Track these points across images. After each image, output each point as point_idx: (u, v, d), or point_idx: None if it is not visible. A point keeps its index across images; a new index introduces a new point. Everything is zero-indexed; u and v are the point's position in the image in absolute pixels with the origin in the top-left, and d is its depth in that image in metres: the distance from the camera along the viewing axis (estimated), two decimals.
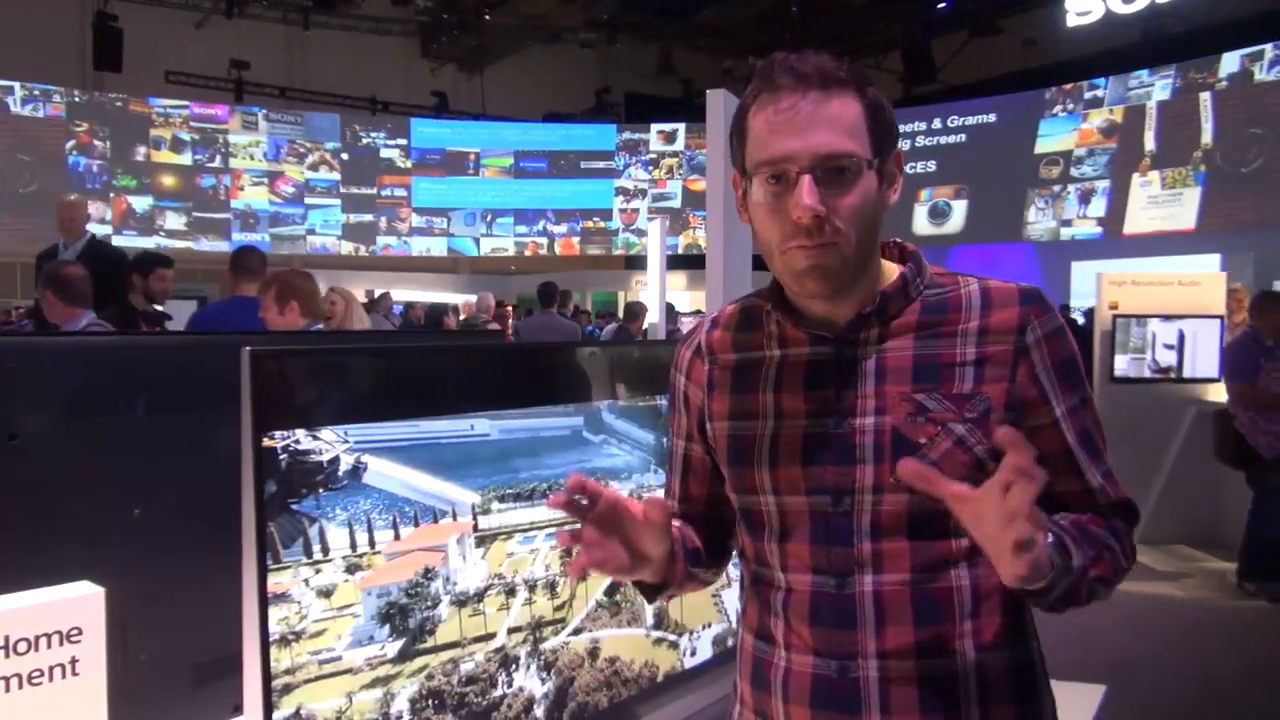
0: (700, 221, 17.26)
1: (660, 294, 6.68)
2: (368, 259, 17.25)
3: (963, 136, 15.49)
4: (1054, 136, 14.48)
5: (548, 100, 19.03)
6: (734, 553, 1.23)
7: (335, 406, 1.21)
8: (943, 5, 15.46)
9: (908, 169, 15.43)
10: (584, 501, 0.97)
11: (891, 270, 1.09)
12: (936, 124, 15.56)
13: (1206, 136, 12.70)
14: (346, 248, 16.90)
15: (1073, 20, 13.71)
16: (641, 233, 17.29)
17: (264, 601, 1.14)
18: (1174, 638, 4.40)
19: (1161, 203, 13.15)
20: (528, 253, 17.73)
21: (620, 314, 14.55)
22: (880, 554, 1.02)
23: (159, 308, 4.57)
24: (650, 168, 17.60)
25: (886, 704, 1.02)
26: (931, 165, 15.43)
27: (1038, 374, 1.04)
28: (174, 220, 15.52)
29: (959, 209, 15.32)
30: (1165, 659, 4.13)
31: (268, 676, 1.14)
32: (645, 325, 7.78)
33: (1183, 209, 12.89)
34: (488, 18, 17.38)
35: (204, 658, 1.61)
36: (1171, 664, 4.12)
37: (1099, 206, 13.83)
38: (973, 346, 1.03)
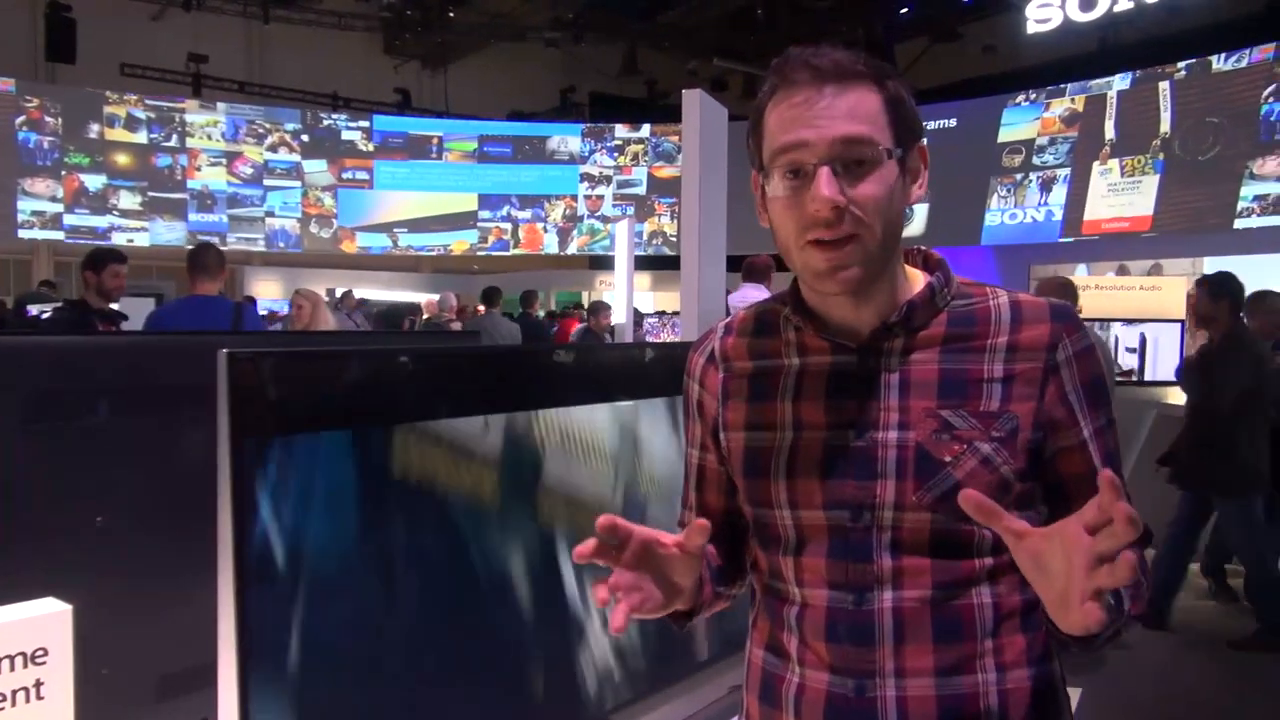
0: (666, 208, 17.18)
1: (627, 294, 6.64)
2: (329, 256, 16.96)
3: (923, 140, 15.61)
4: (1016, 125, 14.66)
5: (512, 99, 18.89)
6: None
7: (316, 411, 1.16)
8: (905, 10, 15.59)
9: None
10: (614, 544, 0.92)
11: (916, 277, 1.06)
12: None
13: (1165, 125, 12.88)
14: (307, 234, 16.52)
15: (1032, 28, 13.87)
16: (606, 219, 17.16)
17: (243, 609, 1.09)
18: (1143, 637, 4.45)
19: (1121, 190, 13.34)
20: (492, 238, 17.41)
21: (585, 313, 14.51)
22: (900, 570, 0.99)
23: (115, 306, 4.44)
24: (615, 154, 17.44)
25: None
26: None
27: (1067, 394, 1.01)
28: (128, 199, 15.01)
29: (920, 212, 15.42)
30: (1136, 660, 4.17)
31: (245, 687, 1.09)
32: (611, 324, 7.85)
33: (1141, 196, 13.08)
34: (451, 15, 17.20)
35: (167, 670, 1.55)
36: (1142, 664, 4.16)
37: (1060, 195, 14.02)
38: (1001, 363, 1.01)
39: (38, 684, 0.94)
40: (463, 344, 2.73)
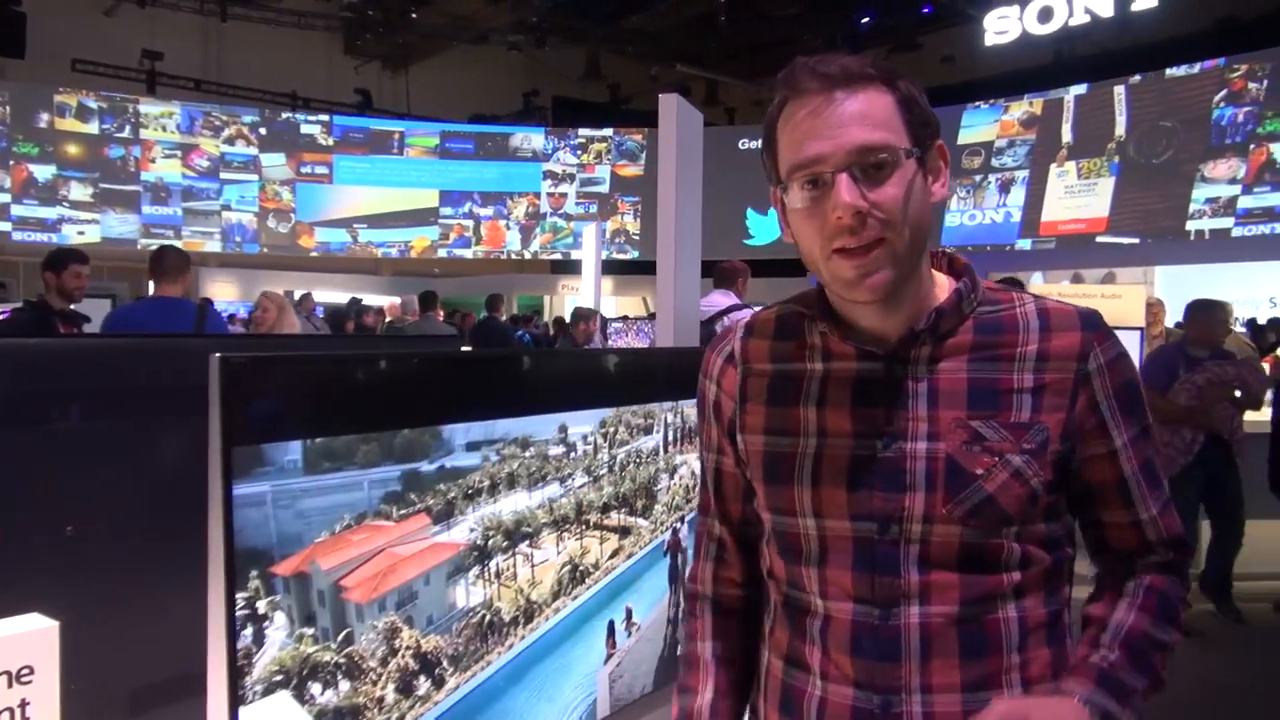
0: (629, 207, 17.11)
1: (595, 299, 6.65)
2: (287, 258, 16.69)
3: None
4: (976, 128, 14.94)
5: (474, 101, 18.77)
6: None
7: (312, 416, 1.12)
8: (866, 20, 15.77)
9: None
10: None
11: (943, 282, 1.05)
12: None
13: (1120, 129, 13.26)
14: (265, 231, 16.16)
15: (990, 39, 14.11)
16: (570, 217, 17.07)
17: (232, 626, 1.04)
18: None
19: (1077, 193, 13.69)
20: (453, 235, 17.15)
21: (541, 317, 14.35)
22: (928, 585, 0.97)
23: (74, 307, 4.33)
24: (579, 152, 17.33)
25: None
26: None
27: (1099, 402, 1.00)
28: (79, 191, 14.63)
29: None
30: None
31: (235, 699, 1.05)
32: (595, 331, 7.77)
33: (1097, 198, 13.44)
34: (414, 16, 17.05)
35: (140, 683, 1.50)
36: None
37: (1018, 196, 14.27)
38: (1030, 372, 0.99)
39: (23, 704, 0.89)
40: (454, 349, 2.69)
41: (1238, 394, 4.64)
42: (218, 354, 1.04)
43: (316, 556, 1.12)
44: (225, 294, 15.60)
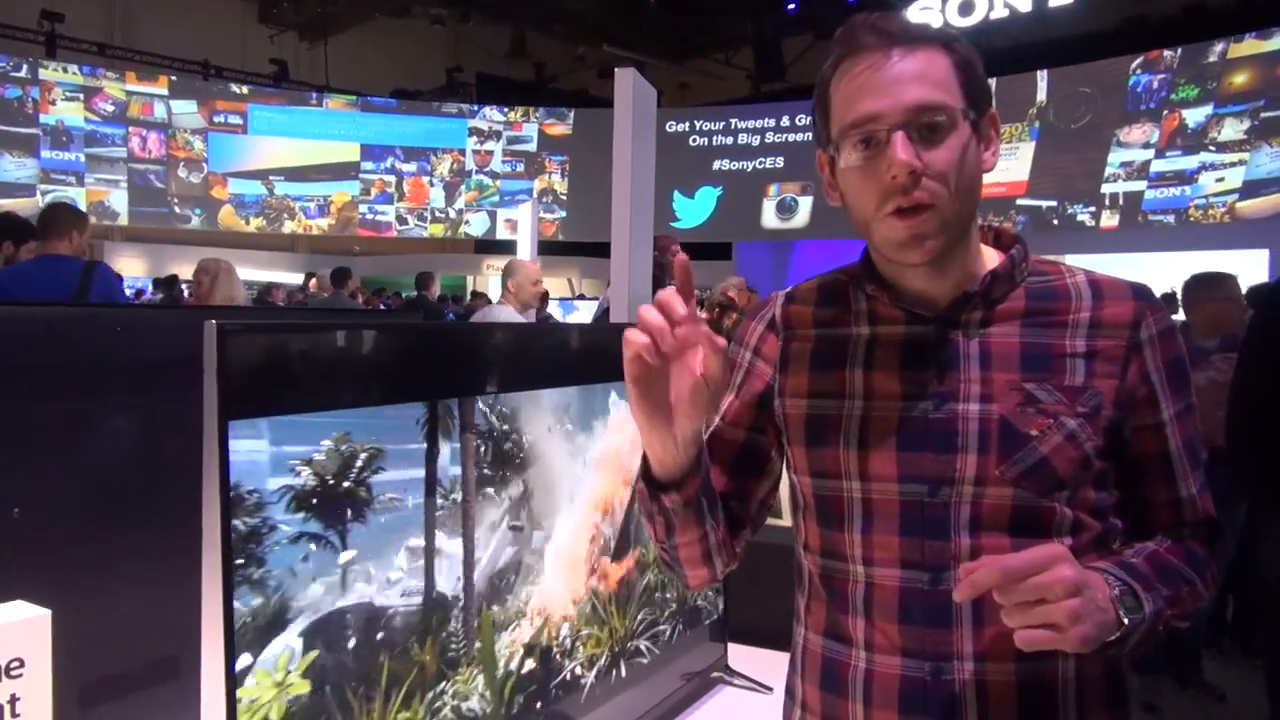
0: (556, 165, 16.71)
1: None
2: (198, 233, 15.98)
3: (809, 135, 15.96)
4: None
5: (396, 76, 18.31)
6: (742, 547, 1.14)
7: (311, 390, 1.06)
8: (792, 7, 15.91)
9: (757, 164, 15.80)
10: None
11: (990, 254, 1.04)
12: (785, 121, 15.91)
13: (1041, 94, 13.64)
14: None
15: None
16: (496, 175, 16.71)
17: (230, 601, 0.97)
18: None
19: (1000, 156, 14.03)
20: (375, 190, 16.38)
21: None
22: (979, 549, 0.95)
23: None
24: (506, 109, 16.81)
25: (985, 709, 0.95)
26: (779, 161, 15.79)
27: (1149, 373, 1.00)
28: None
29: (805, 205, 15.77)
30: None
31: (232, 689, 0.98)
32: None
33: (1018, 162, 13.80)
34: None
35: (94, 677, 1.41)
36: None
37: None
38: (1083, 339, 0.99)
39: (13, 700, 0.81)
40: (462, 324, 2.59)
41: None
42: (213, 321, 0.97)
43: None
44: (132, 269, 14.89)
